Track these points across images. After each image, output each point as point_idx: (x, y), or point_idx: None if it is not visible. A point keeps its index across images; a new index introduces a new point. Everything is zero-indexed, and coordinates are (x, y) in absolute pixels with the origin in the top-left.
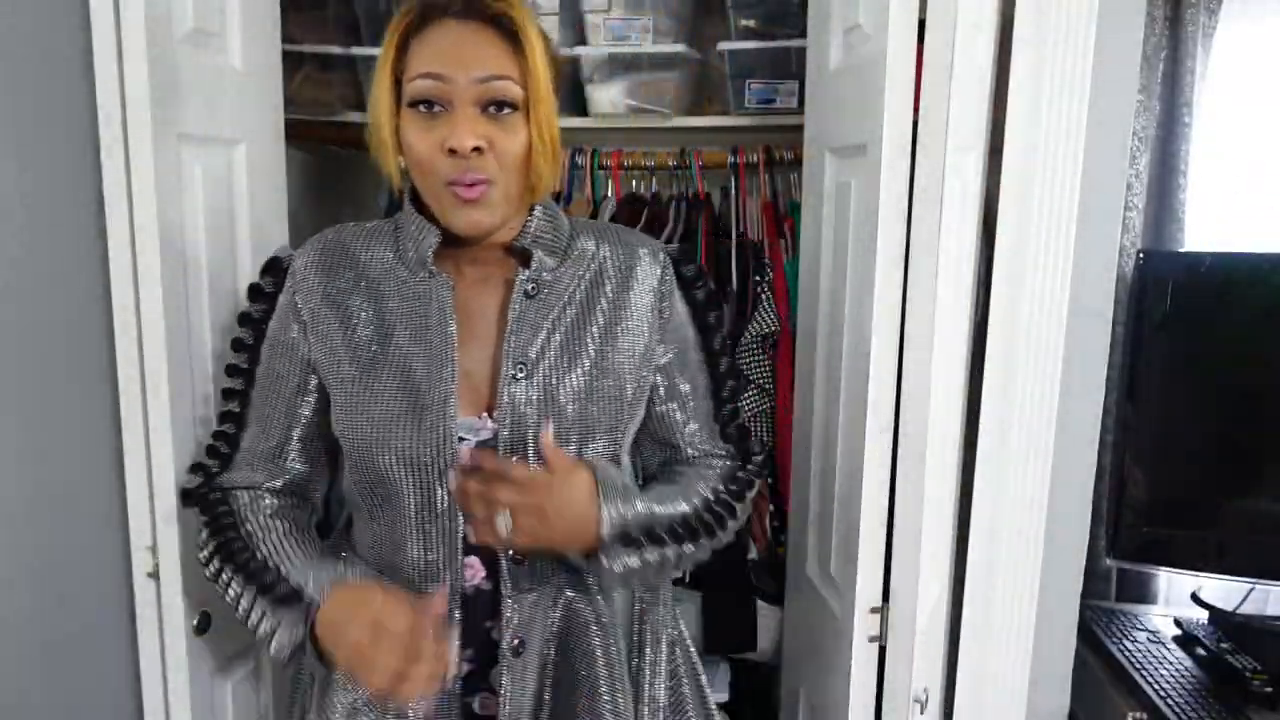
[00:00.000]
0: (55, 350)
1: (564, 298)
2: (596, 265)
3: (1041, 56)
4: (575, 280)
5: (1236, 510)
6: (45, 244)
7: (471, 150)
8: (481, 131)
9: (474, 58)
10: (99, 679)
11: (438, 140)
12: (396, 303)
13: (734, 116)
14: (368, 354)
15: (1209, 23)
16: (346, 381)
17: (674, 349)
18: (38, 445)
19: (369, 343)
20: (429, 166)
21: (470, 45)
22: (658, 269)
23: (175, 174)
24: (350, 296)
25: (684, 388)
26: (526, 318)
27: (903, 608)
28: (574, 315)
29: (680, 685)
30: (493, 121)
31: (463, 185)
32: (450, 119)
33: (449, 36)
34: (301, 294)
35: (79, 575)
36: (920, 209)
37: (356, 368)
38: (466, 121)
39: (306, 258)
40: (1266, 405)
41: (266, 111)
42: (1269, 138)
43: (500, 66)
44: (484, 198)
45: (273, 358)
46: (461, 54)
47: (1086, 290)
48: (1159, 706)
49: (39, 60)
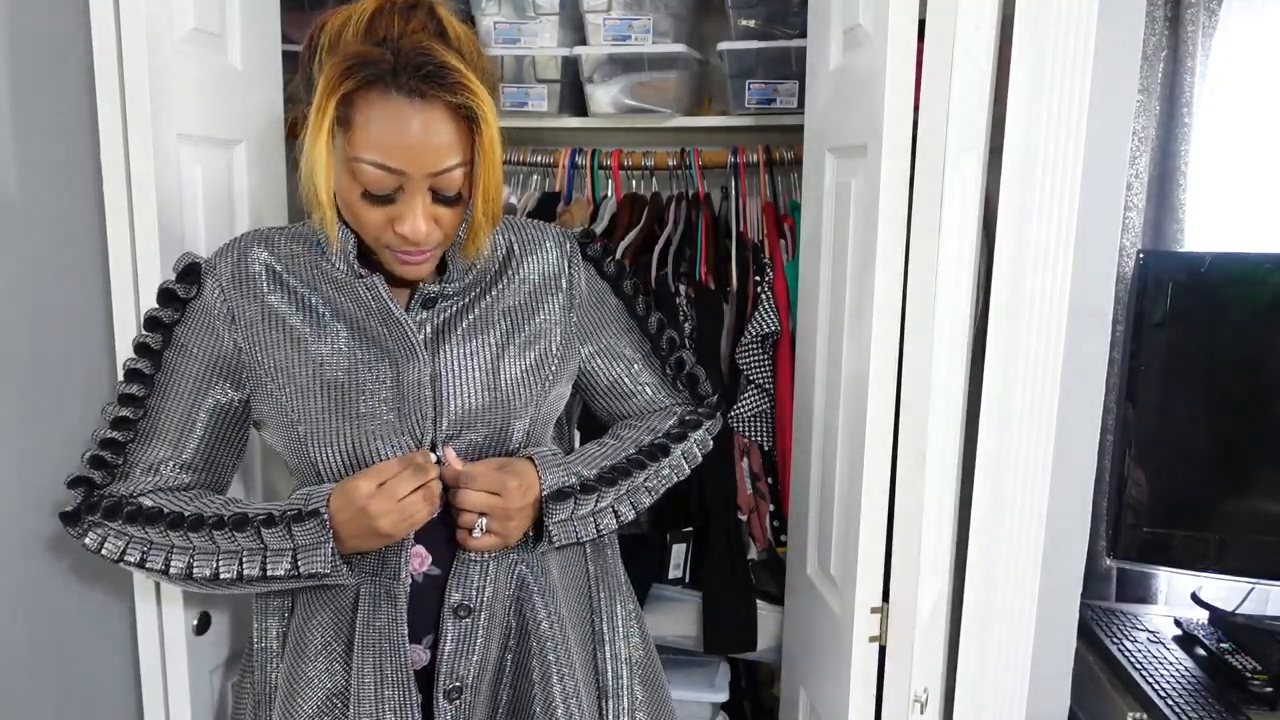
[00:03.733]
0: (55, 350)
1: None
2: (499, 259)
3: (1041, 56)
4: (475, 282)
5: (1236, 510)
6: (45, 244)
7: None
8: (432, 214)
9: (427, 150)
10: (99, 679)
11: (387, 219)
12: (339, 301)
13: (734, 116)
14: (325, 351)
15: (1209, 23)
16: (309, 385)
17: (595, 324)
18: (38, 445)
19: (324, 340)
20: (376, 236)
21: (424, 135)
22: (561, 253)
23: (175, 174)
24: (287, 299)
25: (620, 356)
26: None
27: (903, 608)
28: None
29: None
30: (441, 205)
31: (407, 255)
32: (401, 204)
33: (400, 121)
34: (233, 301)
35: (79, 575)
36: (920, 209)
37: (315, 369)
38: (419, 211)
39: (230, 261)
40: (1266, 405)
41: (266, 111)
42: (1269, 138)
43: (454, 155)
44: (425, 261)
45: (183, 365)
46: (415, 147)
47: (1086, 290)
48: (1159, 706)
49: (39, 60)
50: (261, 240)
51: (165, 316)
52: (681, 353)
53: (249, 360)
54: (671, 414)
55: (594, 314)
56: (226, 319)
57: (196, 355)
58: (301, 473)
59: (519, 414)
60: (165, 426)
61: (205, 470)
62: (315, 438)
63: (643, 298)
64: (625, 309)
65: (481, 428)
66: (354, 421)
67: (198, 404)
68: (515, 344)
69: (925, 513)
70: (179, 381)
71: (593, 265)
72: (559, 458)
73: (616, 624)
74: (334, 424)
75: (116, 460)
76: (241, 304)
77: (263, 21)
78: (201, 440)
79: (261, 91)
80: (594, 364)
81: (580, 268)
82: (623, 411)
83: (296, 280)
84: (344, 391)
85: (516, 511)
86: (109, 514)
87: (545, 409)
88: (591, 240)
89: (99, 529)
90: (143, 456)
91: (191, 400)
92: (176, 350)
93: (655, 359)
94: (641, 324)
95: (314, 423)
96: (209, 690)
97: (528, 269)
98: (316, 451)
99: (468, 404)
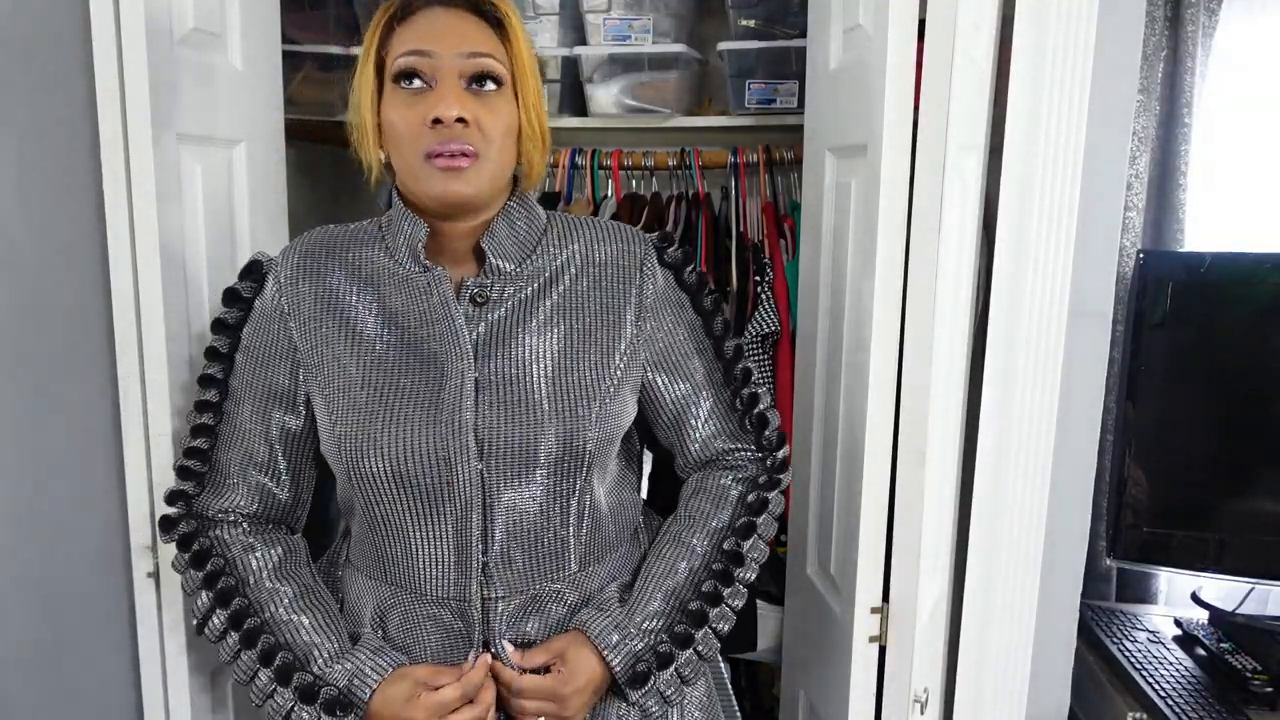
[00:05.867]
0: (55, 350)
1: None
2: (561, 261)
3: (1041, 56)
4: (532, 280)
5: (1236, 510)
6: (45, 244)
7: (455, 120)
8: (467, 105)
9: (458, 35)
10: (99, 679)
11: (421, 115)
12: (398, 300)
13: (734, 116)
14: (376, 352)
15: (1209, 23)
16: (353, 384)
17: (666, 337)
18: (38, 445)
19: (375, 339)
20: (411, 141)
21: (454, 25)
22: (635, 255)
23: (175, 174)
24: (345, 297)
25: (688, 378)
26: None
27: (903, 608)
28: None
29: None
30: (477, 98)
31: (444, 155)
32: (434, 94)
33: (433, 19)
34: (290, 298)
35: (79, 575)
36: (920, 209)
37: (363, 367)
38: (451, 93)
39: (292, 260)
40: (1266, 405)
41: (266, 111)
42: (1269, 138)
43: (484, 44)
44: (467, 169)
45: (250, 367)
46: (446, 32)
47: (1086, 290)
48: (1159, 706)
49: (39, 60)
50: (325, 238)
51: (230, 317)
52: (756, 388)
53: (304, 358)
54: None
55: (666, 326)
56: (284, 317)
57: (260, 357)
58: (345, 492)
59: (572, 431)
60: (240, 431)
61: (286, 474)
62: (352, 440)
63: (721, 317)
64: (701, 325)
65: (527, 443)
66: (390, 427)
67: (268, 406)
68: (573, 351)
69: (925, 513)
70: (248, 385)
71: (670, 272)
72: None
73: None
74: (370, 428)
75: (202, 469)
76: (298, 301)
77: (263, 21)
78: (276, 441)
79: (261, 91)
80: (658, 381)
81: (655, 273)
82: (671, 431)
83: (355, 278)
84: (383, 394)
85: (577, 711)
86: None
87: (606, 427)
88: (670, 244)
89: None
90: (223, 462)
91: (261, 403)
92: (243, 352)
93: (725, 389)
94: (717, 345)
95: (351, 424)
96: (209, 690)
97: (594, 269)
98: (353, 457)
99: (511, 416)
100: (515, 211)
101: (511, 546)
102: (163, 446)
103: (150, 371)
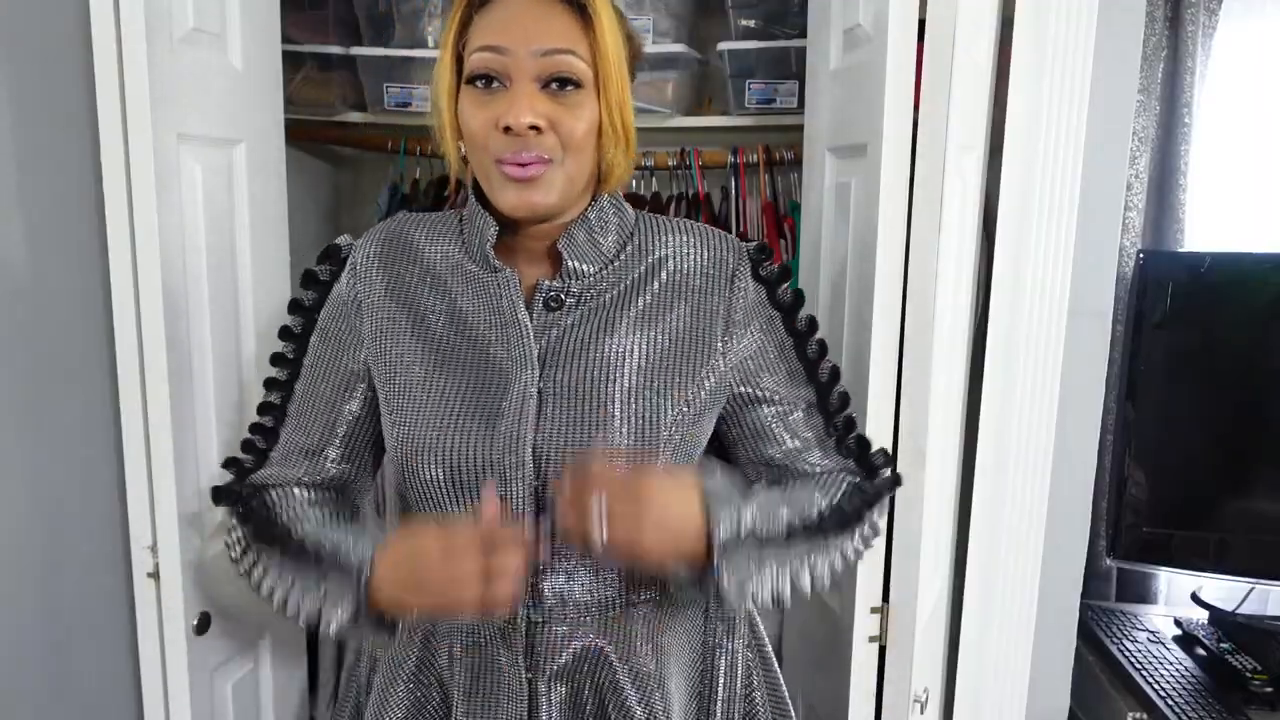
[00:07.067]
0: (55, 350)
1: (593, 305)
2: (646, 266)
3: (1041, 56)
4: (612, 285)
5: (1236, 510)
6: (45, 244)
7: (529, 129)
8: (541, 109)
9: (536, 30)
10: (99, 679)
11: (493, 117)
12: (467, 299)
13: (734, 116)
14: (441, 352)
15: (1209, 23)
16: (414, 383)
17: (756, 357)
18: (38, 445)
19: (443, 340)
20: (482, 144)
21: (533, 17)
22: (726, 266)
23: (175, 174)
24: (417, 291)
25: (775, 400)
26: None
27: (903, 608)
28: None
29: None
30: (555, 100)
31: (514, 164)
32: (507, 95)
33: (512, 9)
34: (363, 286)
35: (79, 575)
36: (920, 209)
37: (426, 367)
38: (524, 97)
39: (369, 249)
40: (1266, 405)
41: (266, 111)
42: (1269, 138)
43: (565, 39)
44: (541, 178)
45: (323, 349)
46: (523, 26)
47: (1086, 290)
48: (1159, 706)
49: (39, 60)
50: (403, 227)
51: (306, 299)
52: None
53: (370, 349)
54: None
55: (754, 345)
56: (358, 306)
57: (333, 341)
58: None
59: (641, 455)
60: (306, 411)
61: (348, 458)
62: (409, 443)
63: (817, 339)
64: (794, 347)
65: None
66: (448, 434)
67: (337, 389)
68: (651, 368)
69: (925, 513)
70: (318, 367)
71: (764, 288)
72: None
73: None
74: (428, 432)
75: (263, 445)
76: (371, 292)
77: (263, 21)
78: (341, 424)
79: (261, 91)
80: (741, 403)
81: (747, 287)
82: (756, 455)
83: (428, 273)
84: (445, 398)
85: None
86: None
87: (681, 453)
88: (767, 256)
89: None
90: (286, 440)
91: (330, 386)
92: (318, 333)
93: (818, 413)
94: (810, 369)
95: (410, 425)
96: (209, 690)
97: (681, 278)
98: (410, 459)
99: (574, 432)
100: (599, 213)
101: (566, 572)
102: (163, 446)
103: (150, 371)
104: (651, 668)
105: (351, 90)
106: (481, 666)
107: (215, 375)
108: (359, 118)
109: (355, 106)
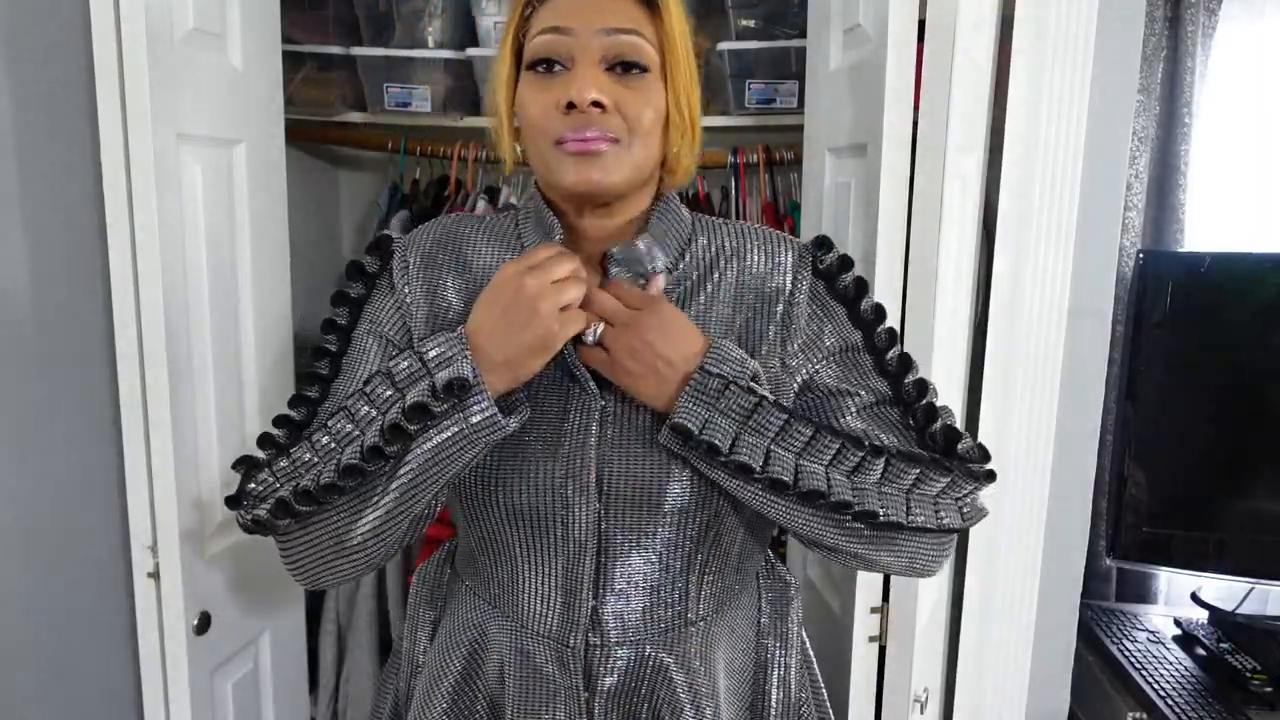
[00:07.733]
0: (55, 350)
1: None
2: (703, 270)
3: (1041, 56)
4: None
5: (1236, 510)
6: (46, 244)
7: (591, 105)
8: (606, 88)
9: (600, 8)
10: (99, 679)
11: (554, 98)
12: None
13: (734, 116)
14: None
15: (1209, 23)
16: None
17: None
18: (38, 445)
19: None
20: (541, 128)
21: (597, 3)
22: (781, 263)
23: (175, 174)
24: (463, 294)
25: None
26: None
27: (903, 608)
28: None
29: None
30: (620, 82)
31: (576, 139)
32: (569, 75)
33: None
34: (410, 279)
35: (79, 575)
36: (920, 209)
37: None
38: (588, 74)
39: (419, 247)
40: (1266, 405)
41: (266, 111)
42: (1269, 138)
43: (630, 20)
44: (605, 155)
45: (367, 346)
46: (586, 5)
47: (1086, 290)
48: (1159, 706)
49: (39, 60)
50: (452, 232)
51: (352, 291)
52: (934, 398)
53: None
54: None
55: (818, 341)
56: (400, 303)
57: (377, 343)
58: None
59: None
60: None
61: None
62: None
63: (885, 327)
64: (862, 339)
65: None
66: (506, 460)
67: None
68: None
69: None
70: (359, 362)
71: (823, 282)
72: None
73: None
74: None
75: (285, 439)
76: (416, 291)
77: (263, 21)
78: None
79: (261, 91)
80: (812, 401)
81: (805, 283)
82: None
83: (473, 284)
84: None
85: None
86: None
87: None
88: (826, 249)
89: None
90: None
91: None
92: (364, 322)
93: (892, 407)
94: (879, 359)
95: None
96: (209, 690)
97: (738, 281)
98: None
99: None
100: (660, 214)
101: (625, 594)
102: (163, 446)
103: (150, 371)
104: (708, 685)
105: (351, 90)
106: (536, 683)
107: (215, 375)
108: (359, 118)
109: (355, 106)
